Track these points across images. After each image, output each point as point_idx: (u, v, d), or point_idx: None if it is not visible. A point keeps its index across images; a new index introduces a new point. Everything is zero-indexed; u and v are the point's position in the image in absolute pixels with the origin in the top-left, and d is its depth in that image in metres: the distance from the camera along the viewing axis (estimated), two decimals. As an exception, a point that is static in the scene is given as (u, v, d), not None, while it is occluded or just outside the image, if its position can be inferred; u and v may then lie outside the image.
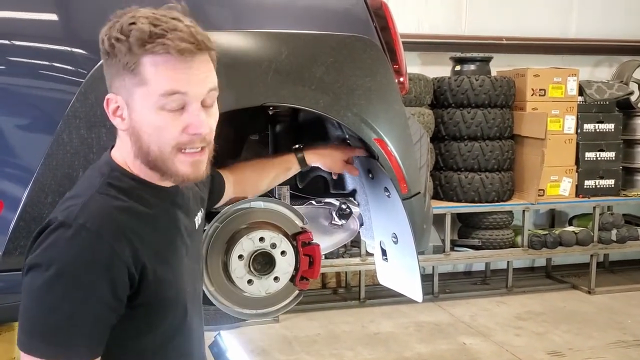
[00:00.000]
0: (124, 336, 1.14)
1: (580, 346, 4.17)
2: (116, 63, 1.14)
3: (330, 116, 1.67)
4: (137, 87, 1.14)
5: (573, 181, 5.17)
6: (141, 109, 1.14)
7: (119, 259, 1.09)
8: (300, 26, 1.69)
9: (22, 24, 1.58)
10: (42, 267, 1.05)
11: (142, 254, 1.13)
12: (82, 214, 1.09)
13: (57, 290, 1.05)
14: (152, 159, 1.16)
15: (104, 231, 1.08)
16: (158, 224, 1.22)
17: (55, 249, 1.06)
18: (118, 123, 1.18)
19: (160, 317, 1.20)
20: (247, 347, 4.07)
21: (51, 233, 1.08)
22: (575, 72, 5.15)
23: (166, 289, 1.20)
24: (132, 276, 1.11)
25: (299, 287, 1.69)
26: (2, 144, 1.50)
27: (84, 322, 1.06)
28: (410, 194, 1.78)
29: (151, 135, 1.15)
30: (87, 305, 1.06)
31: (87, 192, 1.14)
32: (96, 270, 1.07)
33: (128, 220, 1.14)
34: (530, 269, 5.86)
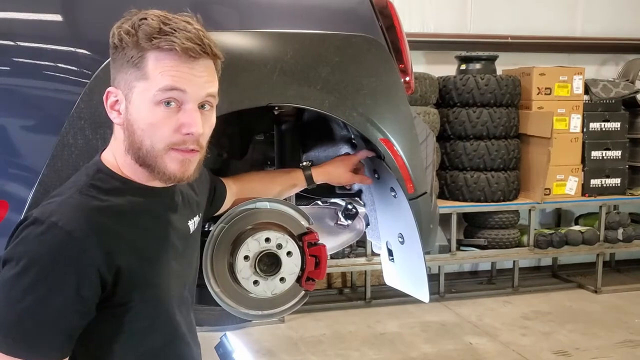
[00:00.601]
0: (107, 340, 1.15)
1: (586, 346, 4.15)
2: (122, 57, 1.16)
3: (335, 116, 1.66)
4: (138, 81, 1.15)
5: (579, 180, 5.16)
6: (139, 103, 1.15)
7: (88, 258, 1.09)
8: (306, 26, 1.68)
9: (27, 24, 1.57)
10: (13, 261, 1.07)
11: (118, 255, 1.13)
12: (56, 211, 1.10)
13: (22, 284, 1.05)
14: (142, 155, 1.17)
15: (74, 230, 1.08)
16: (140, 225, 1.21)
17: (26, 244, 1.08)
18: (114, 116, 1.19)
19: (139, 318, 1.19)
20: (253, 347, 4.07)
21: (24, 229, 1.10)
22: (581, 71, 5.14)
23: (147, 290, 1.19)
24: (103, 277, 1.11)
25: (305, 287, 1.68)
26: (7, 145, 1.49)
27: (46, 319, 1.06)
28: (417, 194, 1.77)
29: (145, 130, 1.15)
30: (51, 301, 1.06)
31: (69, 192, 1.16)
32: (62, 268, 1.07)
33: (105, 221, 1.13)
34: (536, 269, 5.85)
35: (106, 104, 1.20)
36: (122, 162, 1.21)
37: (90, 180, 1.18)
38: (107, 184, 1.19)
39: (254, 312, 1.67)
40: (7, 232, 1.46)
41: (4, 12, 1.55)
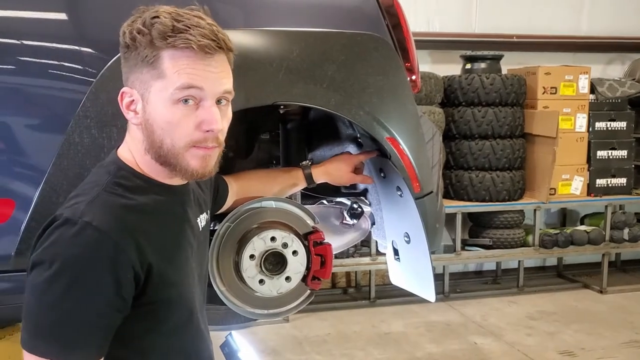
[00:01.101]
0: (128, 335, 1.13)
1: (592, 346, 4.14)
2: (135, 56, 1.14)
3: (341, 115, 1.66)
4: (154, 80, 1.14)
5: (584, 180, 5.14)
6: (157, 102, 1.15)
7: (125, 257, 1.08)
8: (312, 24, 1.68)
9: (33, 23, 1.57)
10: (45, 264, 1.04)
11: (149, 253, 1.12)
12: (87, 211, 1.08)
13: (58, 287, 1.03)
14: (164, 154, 1.16)
15: (109, 229, 1.07)
16: (165, 223, 1.21)
17: (59, 245, 1.05)
18: (131, 117, 1.18)
19: (164, 317, 1.19)
20: (258, 347, 4.07)
21: (55, 230, 1.07)
22: (587, 70, 5.11)
23: (171, 289, 1.19)
24: (137, 275, 1.10)
25: (311, 287, 1.68)
26: (13, 144, 1.50)
27: (85, 321, 1.05)
28: (423, 193, 1.76)
29: (164, 129, 1.15)
30: (89, 303, 1.05)
31: (94, 190, 1.14)
32: (100, 269, 1.05)
33: (135, 219, 1.13)
34: (541, 269, 5.83)
35: (121, 104, 1.18)
36: (140, 160, 1.20)
37: (114, 179, 1.16)
38: (131, 182, 1.17)
39: (260, 311, 1.67)
40: (15, 230, 1.48)
41: (10, 10, 1.55)
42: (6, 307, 1.58)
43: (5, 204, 1.49)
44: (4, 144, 1.49)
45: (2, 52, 1.51)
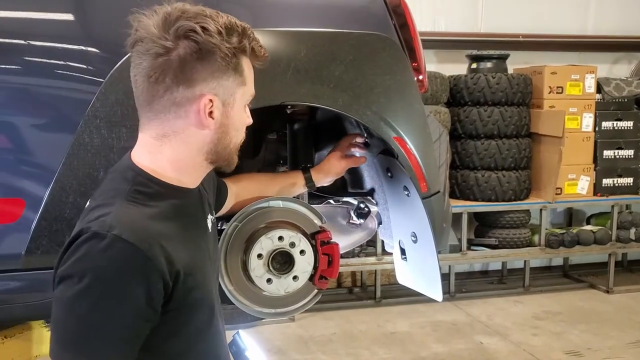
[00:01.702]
0: (151, 340, 1.13)
1: (598, 346, 4.13)
2: (215, 62, 1.13)
3: (349, 115, 1.66)
4: (239, 86, 1.19)
5: (591, 179, 5.13)
6: (239, 107, 1.21)
7: (154, 267, 1.07)
8: (319, 24, 1.69)
9: (43, 24, 1.59)
10: (74, 278, 1.04)
11: (175, 260, 1.12)
12: (115, 224, 1.07)
13: (89, 301, 1.03)
14: (225, 153, 1.22)
15: (138, 241, 1.06)
16: (185, 227, 1.21)
17: (89, 259, 1.05)
18: (210, 123, 1.17)
19: (187, 320, 1.19)
20: (264, 346, 4.07)
21: (83, 244, 1.06)
22: (593, 70, 5.10)
23: (195, 293, 1.19)
24: (166, 284, 1.10)
25: (318, 286, 1.68)
26: (24, 144, 1.51)
27: (115, 333, 1.05)
28: (430, 192, 1.77)
29: (239, 130, 1.23)
30: (120, 316, 1.05)
31: (116, 200, 1.13)
32: (131, 281, 1.05)
33: (160, 227, 1.12)
34: (547, 268, 5.82)
35: (203, 112, 1.15)
36: (162, 163, 1.19)
37: (133, 186, 1.15)
38: (149, 189, 1.17)
39: (267, 310, 1.68)
40: (25, 229, 1.50)
41: (21, 12, 1.56)
42: (17, 306, 1.59)
43: (16, 204, 1.50)
44: (14, 144, 1.51)
45: (13, 52, 1.52)
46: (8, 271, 1.53)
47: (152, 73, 1.12)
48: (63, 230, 1.51)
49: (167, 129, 1.17)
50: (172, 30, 1.11)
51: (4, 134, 1.51)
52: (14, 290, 1.57)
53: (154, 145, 1.18)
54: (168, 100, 1.14)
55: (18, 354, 1.74)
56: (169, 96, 1.14)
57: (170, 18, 1.12)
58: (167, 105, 1.15)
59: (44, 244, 1.51)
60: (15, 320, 1.73)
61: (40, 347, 1.79)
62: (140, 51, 1.13)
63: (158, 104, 1.15)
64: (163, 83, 1.13)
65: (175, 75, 1.12)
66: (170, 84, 1.13)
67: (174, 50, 1.11)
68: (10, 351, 1.72)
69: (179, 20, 1.11)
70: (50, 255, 1.52)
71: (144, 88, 1.15)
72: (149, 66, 1.12)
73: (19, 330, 1.75)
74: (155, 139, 1.18)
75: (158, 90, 1.13)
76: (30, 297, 1.59)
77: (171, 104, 1.14)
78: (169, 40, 1.11)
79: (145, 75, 1.13)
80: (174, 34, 1.11)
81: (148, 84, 1.14)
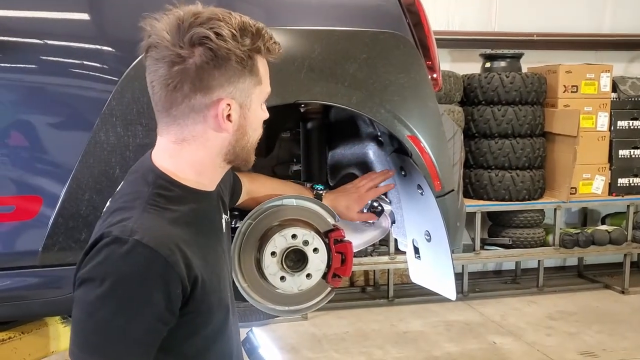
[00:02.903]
0: (169, 343, 1.14)
1: (613, 347, 4.10)
2: (232, 67, 1.13)
3: (363, 113, 1.66)
4: (255, 87, 1.19)
5: (606, 179, 5.09)
6: (256, 107, 1.21)
7: (174, 273, 1.08)
8: (333, 23, 1.69)
9: (60, 24, 1.60)
10: (96, 281, 1.05)
11: (194, 265, 1.13)
12: (137, 229, 1.07)
13: (110, 305, 1.05)
14: (243, 152, 1.23)
15: (159, 246, 1.07)
16: (204, 231, 1.22)
17: (110, 264, 1.06)
18: (228, 127, 1.17)
19: (204, 322, 1.20)
20: (277, 344, 4.09)
21: (105, 247, 1.07)
22: (609, 68, 5.06)
23: (211, 296, 1.20)
24: (184, 288, 1.11)
25: (331, 284, 1.68)
26: (41, 142, 1.53)
27: (135, 336, 1.07)
28: (444, 191, 1.76)
29: (256, 130, 1.24)
30: (140, 320, 1.06)
31: (137, 204, 1.13)
32: (151, 286, 1.07)
33: (180, 232, 1.13)
34: (561, 268, 5.78)
35: (221, 116, 1.16)
36: (182, 166, 1.19)
37: (154, 189, 1.16)
38: (170, 192, 1.17)
39: (281, 307, 1.68)
40: (42, 226, 1.51)
41: (38, 12, 1.58)
42: (34, 302, 1.61)
43: (33, 201, 1.52)
44: (32, 142, 1.52)
45: (30, 52, 1.54)
46: (26, 268, 1.55)
47: (169, 81, 1.13)
48: (79, 227, 1.53)
49: (186, 133, 1.17)
50: (187, 38, 1.11)
51: (22, 132, 1.53)
52: (31, 287, 1.58)
53: (174, 149, 1.19)
54: (186, 107, 1.15)
55: (35, 349, 1.76)
56: (187, 103, 1.14)
57: (183, 25, 1.11)
58: (186, 112, 1.15)
59: (61, 241, 1.53)
60: (32, 316, 1.75)
61: (57, 343, 1.81)
62: (155, 57, 1.14)
63: (176, 111, 1.16)
64: (181, 91, 1.13)
65: (193, 84, 1.13)
66: (188, 92, 1.13)
67: (190, 59, 1.11)
68: (28, 347, 1.74)
69: (192, 26, 1.11)
70: (66, 252, 1.54)
71: (162, 95, 1.15)
72: (166, 74, 1.13)
73: (36, 326, 1.76)
74: (175, 143, 1.19)
75: (176, 97, 1.14)
76: (47, 294, 1.61)
77: (190, 110, 1.15)
78: (184, 49, 1.11)
79: (162, 83, 1.14)
80: (188, 42, 1.11)
81: (166, 92, 1.14)
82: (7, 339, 1.71)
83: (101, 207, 1.52)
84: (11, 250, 1.55)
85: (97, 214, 1.52)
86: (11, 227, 1.54)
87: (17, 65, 1.53)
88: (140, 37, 1.17)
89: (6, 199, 1.52)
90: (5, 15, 1.54)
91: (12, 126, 1.52)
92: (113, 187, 1.52)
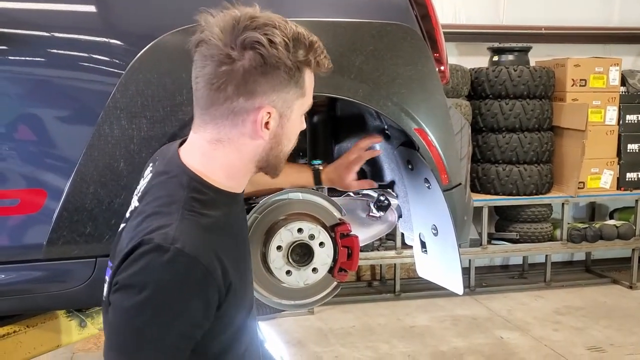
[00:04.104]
0: (199, 341, 1.14)
1: (621, 342, 4.07)
2: (279, 75, 1.13)
3: (369, 106, 1.65)
4: (297, 98, 1.18)
5: (614, 173, 5.06)
6: (295, 118, 1.21)
7: (213, 280, 1.09)
8: (340, 14, 1.67)
9: (63, 16, 1.59)
10: (135, 288, 1.05)
11: (229, 271, 1.13)
12: (178, 237, 1.07)
13: (149, 312, 1.05)
14: (276, 160, 1.22)
15: (199, 254, 1.07)
16: (235, 236, 1.23)
17: (150, 272, 1.06)
18: (265, 134, 1.17)
19: (231, 321, 1.20)
20: (283, 338, 4.09)
21: (145, 255, 1.06)
22: (618, 62, 5.02)
23: (240, 299, 1.20)
24: (220, 295, 1.12)
25: (338, 278, 1.68)
26: (45, 135, 1.52)
27: (171, 342, 1.07)
28: (451, 185, 1.75)
29: (291, 141, 1.23)
30: (177, 327, 1.07)
31: (174, 209, 1.12)
32: (191, 294, 1.07)
33: (215, 238, 1.14)
34: (569, 263, 5.76)
35: (260, 123, 1.15)
36: (214, 168, 1.19)
37: (189, 194, 1.15)
38: (204, 195, 1.17)
39: (287, 301, 1.67)
40: (47, 219, 1.51)
41: (42, 3, 1.57)
42: (39, 296, 1.61)
43: (37, 194, 1.52)
44: (36, 135, 1.52)
45: (33, 45, 1.53)
46: (30, 261, 1.54)
47: (214, 80, 1.13)
48: (84, 220, 1.53)
49: (222, 134, 1.17)
50: (239, 40, 1.10)
51: (26, 125, 1.52)
52: (36, 280, 1.58)
53: (207, 149, 1.19)
54: (227, 109, 1.15)
55: (40, 343, 1.76)
56: (229, 105, 1.14)
57: (238, 26, 1.11)
58: (225, 113, 1.15)
59: (65, 234, 1.52)
60: (37, 310, 1.75)
61: (62, 337, 1.81)
62: (204, 54, 1.13)
63: (216, 110, 1.15)
64: (224, 92, 1.13)
65: (237, 87, 1.12)
66: (231, 94, 1.13)
67: (239, 61, 1.11)
68: (33, 340, 1.74)
69: (247, 29, 1.10)
70: (71, 245, 1.54)
71: (205, 93, 1.15)
72: (212, 73, 1.13)
73: (41, 319, 1.77)
74: (210, 143, 1.18)
75: (219, 97, 1.14)
76: (51, 287, 1.61)
77: (229, 112, 1.15)
78: (235, 50, 1.11)
79: (207, 81, 1.14)
80: (240, 44, 1.10)
81: (209, 90, 1.14)
82: (12, 332, 1.71)
83: (106, 201, 1.53)
84: (16, 244, 1.55)
85: (102, 208, 1.53)
86: (16, 220, 1.54)
87: (21, 58, 1.52)
88: (144, 30, 1.17)
89: (10, 192, 1.52)
90: (10, 7, 1.53)
91: (16, 119, 1.52)
92: (118, 181, 1.52)
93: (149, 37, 1.50)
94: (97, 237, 1.54)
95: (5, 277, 1.56)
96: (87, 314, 1.84)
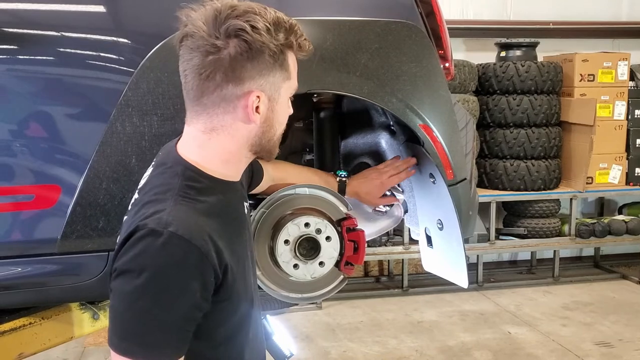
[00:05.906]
0: (202, 328, 1.17)
1: (630, 337, 4.08)
2: (264, 60, 1.16)
3: (374, 102, 1.67)
4: (284, 81, 1.22)
5: (623, 169, 5.05)
6: (284, 101, 1.24)
7: (208, 262, 1.12)
8: (345, 13, 1.70)
9: (76, 15, 1.63)
10: (134, 273, 1.08)
11: (225, 254, 1.17)
12: (172, 221, 1.11)
13: (148, 295, 1.08)
14: (269, 145, 1.25)
15: (193, 237, 1.11)
16: (231, 221, 1.26)
17: (147, 255, 1.09)
18: (256, 118, 1.20)
19: (234, 309, 1.23)
20: (291, 333, 4.12)
21: (141, 240, 1.10)
22: (627, 57, 5.01)
23: (239, 284, 1.23)
24: (217, 276, 1.15)
25: (344, 272, 1.70)
26: (59, 132, 1.56)
27: (173, 324, 1.10)
28: (456, 180, 1.77)
29: (282, 124, 1.26)
30: (177, 309, 1.10)
31: (169, 196, 1.16)
32: (188, 276, 1.10)
33: (210, 222, 1.17)
34: (577, 259, 5.76)
35: (251, 108, 1.18)
36: (210, 157, 1.22)
37: (183, 181, 1.18)
38: (199, 183, 1.20)
39: (294, 295, 1.70)
40: (61, 214, 1.55)
41: (56, 4, 1.61)
42: (53, 289, 1.65)
43: (52, 190, 1.56)
44: (50, 132, 1.56)
45: (47, 44, 1.57)
46: (45, 255, 1.58)
47: (202, 70, 1.16)
48: (97, 215, 1.57)
49: (215, 122, 1.20)
50: (223, 29, 1.14)
51: (41, 123, 1.56)
52: (50, 274, 1.62)
53: (202, 139, 1.22)
54: (217, 97, 1.18)
55: (55, 334, 1.80)
56: (219, 93, 1.17)
57: (220, 16, 1.14)
58: (217, 101, 1.18)
59: (79, 228, 1.56)
60: (51, 302, 1.80)
61: (76, 329, 1.85)
62: (190, 47, 1.17)
63: (207, 100, 1.19)
64: (213, 80, 1.16)
65: (226, 74, 1.16)
66: (221, 82, 1.16)
67: (225, 49, 1.14)
68: (48, 332, 1.79)
69: (228, 18, 1.14)
70: (84, 240, 1.58)
71: (195, 84, 1.18)
72: (200, 63, 1.16)
73: (55, 312, 1.81)
74: (204, 133, 1.21)
75: (208, 87, 1.17)
76: (65, 280, 1.65)
77: (220, 100, 1.18)
78: (220, 39, 1.14)
79: (195, 72, 1.17)
80: (224, 33, 1.14)
81: (199, 81, 1.17)
82: (27, 324, 1.75)
83: (118, 196, 1.56)
84: (31, 238, 1.59)
85: (114, 203, 1.57)
86: (31, 215, 1.57)
87: (34, 57, 1.56)
88: (154, 29, 1.20)
89: (26, 188, 1.56)
90: (23, 8, 1.57)
91: (30, 117, 1.56)
92: (130, 177, 1.55)
93: (159, 36, 1.53)
94: (109, 231, 1.57)
95: (21, 270, 1.60)
96: (100, 307, 1.88)
